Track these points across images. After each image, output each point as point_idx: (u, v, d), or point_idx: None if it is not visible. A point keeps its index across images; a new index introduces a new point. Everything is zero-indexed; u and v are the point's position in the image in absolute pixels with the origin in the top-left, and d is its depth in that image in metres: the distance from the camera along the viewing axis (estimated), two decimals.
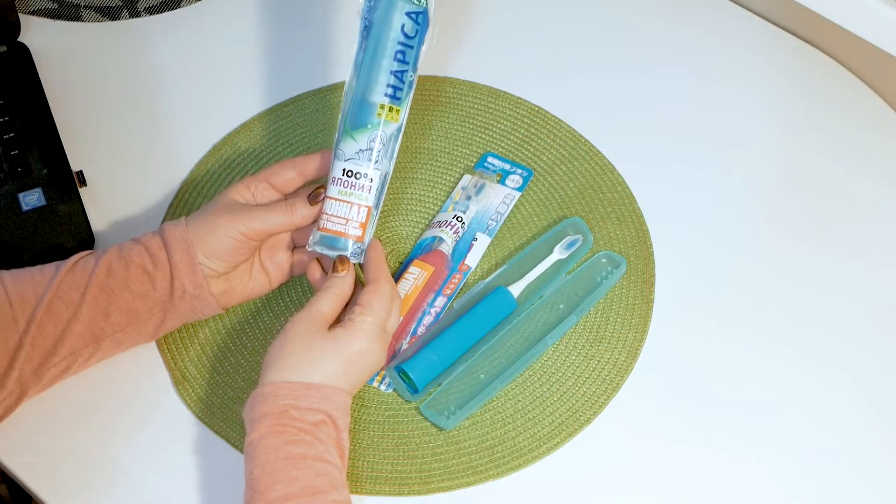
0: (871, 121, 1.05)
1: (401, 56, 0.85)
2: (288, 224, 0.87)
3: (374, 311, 0.84)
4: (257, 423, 0.79)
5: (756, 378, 0.90)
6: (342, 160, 0.86)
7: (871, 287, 0.95)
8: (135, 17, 1.12)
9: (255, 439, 0.79)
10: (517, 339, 0.91)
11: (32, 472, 0.86)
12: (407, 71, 0.86)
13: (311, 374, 0.81)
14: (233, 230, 0.86)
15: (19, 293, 0.84)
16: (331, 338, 0.82)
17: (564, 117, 1.04)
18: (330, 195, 0.87)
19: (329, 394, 0.81)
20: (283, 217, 0.87)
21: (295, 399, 0.80)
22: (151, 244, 0.86)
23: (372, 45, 0.85)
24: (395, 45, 0.85)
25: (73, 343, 0.84)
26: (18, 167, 0.98)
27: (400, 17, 0.85)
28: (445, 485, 0.86)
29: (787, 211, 0.99)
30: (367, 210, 0.86)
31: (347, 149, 0.86)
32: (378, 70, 0.85)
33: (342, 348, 0.82)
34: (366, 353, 0.83)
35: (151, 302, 0.86)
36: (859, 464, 0.87)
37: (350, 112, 0.86)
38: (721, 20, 1.12)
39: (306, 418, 0.79)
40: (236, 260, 0.87)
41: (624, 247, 0.97)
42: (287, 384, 0.80)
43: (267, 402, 0.80)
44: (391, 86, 0.85)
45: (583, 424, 0.88)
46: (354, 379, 0.83)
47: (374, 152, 0.86)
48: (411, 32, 0.85)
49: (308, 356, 0.81)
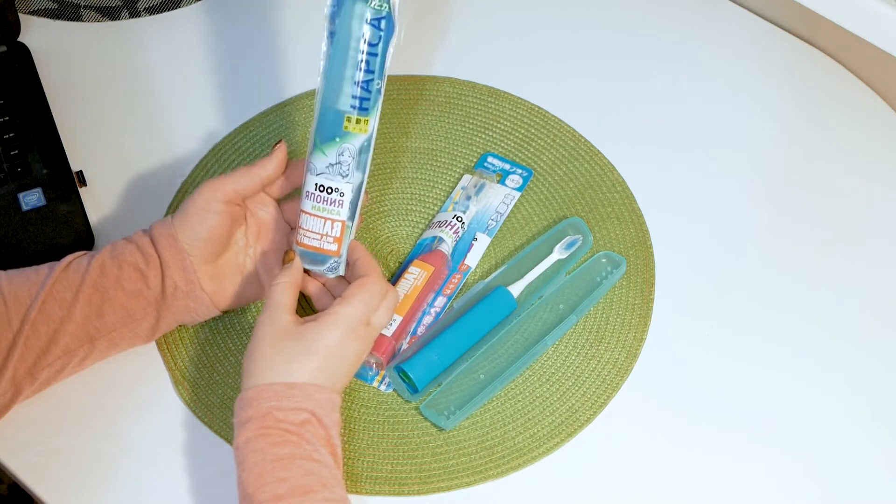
0: (871, 121, 1.05)
1: (365, 66, 0.81)
2: (251, 175, 0.87)
3: (353, 303, 0.83)
4: (243, 427, 0.79)
5: (756, 378, 0.90)
6: (314, 174, 0.84)
7: (872, 287, 0.95)
8: (135, 17, 1.12)
9: (242, 443, 0.79)
10: (517, 339, 0.91)
11: (32, 472, 0.86)
12: (373, 80, 0.82)
13: (288, 374, 0.80)
14: (200, 200, 0.86)
15: (14, 293, 0.84)
16: (298, 335, 0.81)
17: (564, 117, 1.04)
18: (304, 209, 0.85)
19: (311, 392, 0.80)
20: (244, 171, 0.87)
21: (277, 400, 0.79)
22: (142, 243, 0.86)
23: (335, 54, 0.82)
24: (357, 54, 0.81)
25: (67, 343, 0.84)
26: (18, 167, 0.98)
27: (360, 24, 0.81)
28: (445, 485, 0.86)
29: (787, 211, 0.99)
30: (341, 225, 0.85)
31: (318, 163, 0.84)
32: (343, 80, 0.82)
33: (311, 343, 0.81)
34: (337, 346, 0.81)
35: (145, 301, 0.86)
36: (859, 465, 0.87)
37: (318, 124, 0.84)
38: (721, 20, 1.12)
39: (290, 419, 0.79)
40: (212, 235, 0.86)
41: (624, 247, 0.97)
42: (269, 386, 0.80)
43: (251, 405, 0.79)
44: (356, 97, 0.82)
45: (582, 424, 0.88)
46: (334, 374, 0.81)
47: (343, 166, 0.83)
48: (374, 40, 0.81)
49: (279, 357, 0.81)
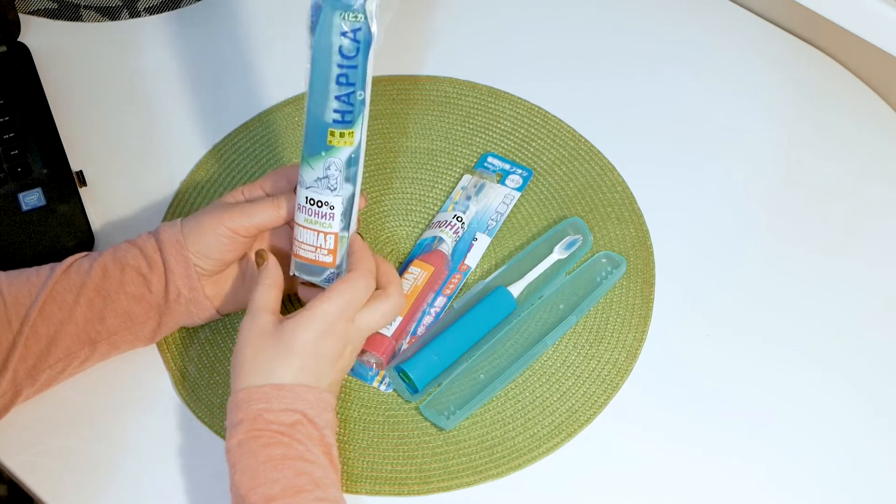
0: (871, 121, 1.05)
1: (344, 79, 0.79)
2: (275, 217, 0.86)
3: (333, 299, 0.81)
4: (234, 429, 0.79)
5: (756, 378, 0.90)
6: (304, 187, 0.83)
7: (872, 287, 0.95)
8: (135, 17, 1.12)
9: (234, 446, 0.79)
10: (517, 339, 0.91)
11: (32, 472, 0.86)
12: (354, 91, 0.79)
13: (272, 375, 0.80)
14: (220, 227, 0.85)
15: (14, 294, 0.84)
16: (277, 335, 0.81)
17: (564, 117, 1.04)
18: (298, 222, 0.85)
19: (301, 392, 0.80)
20: (269, 211, 0.86)
21: (267, 402, 0.79)
22: (146, 246, 0.86)
23: (315, 67, 0.79)
24: (336, 68, 0.78)
25: (67, 345, 0.84)
26: (18, 167, 0.98)
27: (336, 38, 0.77)
28: (445, 485, 0.86)
29: (787, 211, 0.99)
30: (334, 237, 0.84)
31: (307, 176, 0.82)
32: (325, 93, 0.79)
33: (289, 342, 0.80)
34: (315, 342, 0.81)
35: (147, 305, 0.86)
36: (859, 465, 0.87)
37: (305, 137, 0.82)
38: (721, 20, 1.12)
39: (281, 420, 0.79)
40: (224, 258, 0.87)
41: (624, 247, 0.97)
42: (258, 388, 0.80)
43: (241, 408, 0.79)
44: (338, 111, 0.80)
45: (582, 424, 0.88)
46: (317, 373, 0.81)
47: (331, 180, 0.82)
48: (351, 52, 0.78)
49: (261, 357, 0.80)
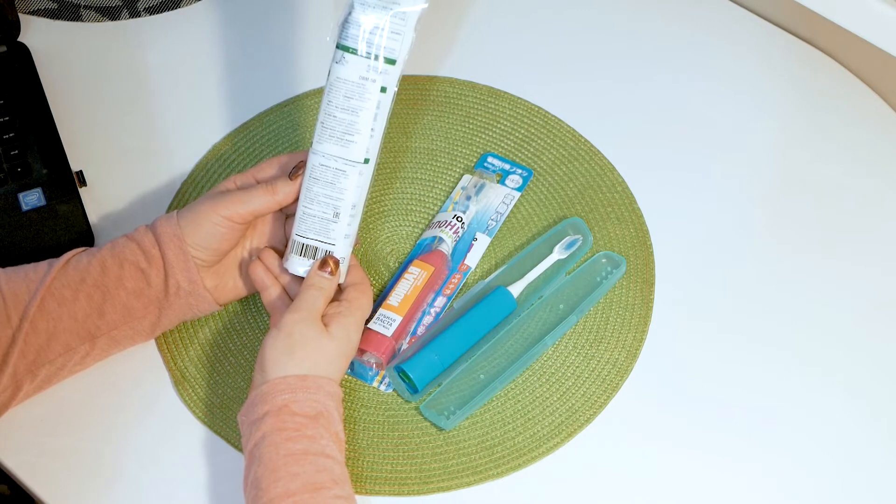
0: (871, 121, 1.05)
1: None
2: (271, 202, 0.87)
3: (362, 307, 0.87)
4: (259, 422, 0.80)
5: (755, 379, 0.90)
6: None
7: (872, 287, 0.95)
8: (135, 17, 1.12)
9: (259, 439, 0.79)
10: (517, 339, 0.91)
11: (32, 472, 0.86)
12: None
13: (305, 367, 0.82)
14: (216, 216, 0.86)
15: (12, 290, 0.84)
16: (327, 334, 0.84)
17: (564, 117, 1.04)
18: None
19: (323, 384, 0.82)
20: (264, 196, 0.86)
21: (293, 393, 0.80)
22: (144, 241, 0.86)
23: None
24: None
25: (67, 340, 0.84)
26: (18, 167, 0.98)
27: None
28: (445, 485, 0.86)
29: (786, 211, 0.99)
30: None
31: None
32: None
33: (333, 342, 0.84)
34: (351, 344, 0.86)
35: (146, 299, 0.86)
36: (858, 466, 0.87)
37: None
38: (721, 20, 1.12)
39: (305, 412, 0.80)
40: (222, 247, 0.87)
41: (624, 247, 0.97)
42: (283, 379, 0.81)
43: (266, 400, 0.80)
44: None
45: (582, 425, 0.88)
46: (339, 368, 0.85)
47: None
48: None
49: (314, 352, 0.83)
